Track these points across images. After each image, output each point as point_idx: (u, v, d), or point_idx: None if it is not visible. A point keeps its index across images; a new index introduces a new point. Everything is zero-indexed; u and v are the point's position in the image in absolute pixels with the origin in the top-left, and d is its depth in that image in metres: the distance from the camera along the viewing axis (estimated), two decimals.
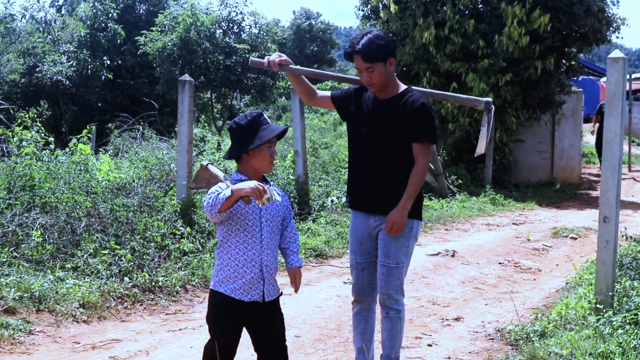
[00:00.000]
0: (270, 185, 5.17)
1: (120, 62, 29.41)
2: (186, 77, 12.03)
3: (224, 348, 5.06)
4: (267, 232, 5.10)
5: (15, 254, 9.02)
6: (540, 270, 11.63)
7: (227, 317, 5.08)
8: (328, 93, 6.42)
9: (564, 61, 23.04)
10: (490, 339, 7.90)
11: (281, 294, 5.29)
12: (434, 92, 7.18)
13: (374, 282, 6.27)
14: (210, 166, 5.34)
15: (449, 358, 7.30)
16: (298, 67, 6.45)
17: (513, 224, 16.28)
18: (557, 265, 12.00)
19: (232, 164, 14.09)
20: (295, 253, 5.32)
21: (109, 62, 28.87)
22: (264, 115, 5.22)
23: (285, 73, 6.27)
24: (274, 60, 6.16)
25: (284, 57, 6.19)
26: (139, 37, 26.89)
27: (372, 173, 6.07)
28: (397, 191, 5.98)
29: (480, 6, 21.63)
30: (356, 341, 6.37)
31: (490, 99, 6.49)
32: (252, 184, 4.79)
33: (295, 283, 5.32)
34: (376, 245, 6.19)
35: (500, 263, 12.04)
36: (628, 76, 26.81)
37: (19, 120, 12.88)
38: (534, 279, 11.07)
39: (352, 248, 6.35)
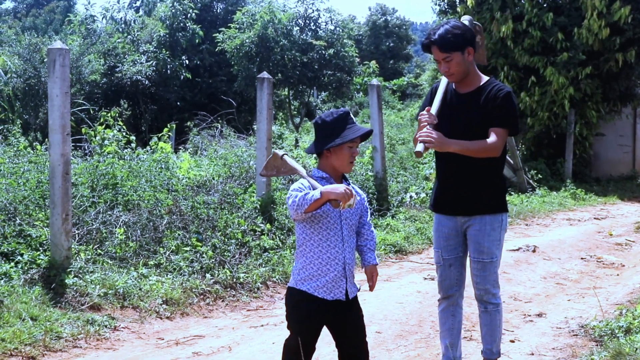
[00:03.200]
0: (349, 184, 5.17)
1: (198, 61, 29.70)
2: (265, 74, 12.08)
3: (305, 346, 5.05)
4: (347, 229, 5.08)
5: (99, 251, 9.17)
6: (624, 266, 11.44)
7: (310, 316, 5.05)
8: None
9: None
10: (573, 335, 7.79)
11: (359, 289, 5.27)
12: None
13: (461, 278, 6.20)
14: (286, 157, 5.33)
15: (532, 354, 7.22)
16: None
17: (595, 218, 16.07)
18: None
19: (311, 160, 14.15)
20: (372, 251, 5.28)
21: (187, 61, 29.19)
22: (351, 114, 5.18)
23: None
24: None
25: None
26: (217, 34, 27.14)
27: (455, 173, 5.98)
28: (482, 189, 5.93)
29: None
30: (444, 338, 6.30)
31: (470, 17, 6.34)
32: (342, 187, 4.77)
33: (372, 281, 5.27)
34: (463, 240, 6.12)
35: (582, 258, 11.88)
36: None
37: (102, 120, 13.08)
38: (617, 274, 10.89)
39: (437, 245, 6.24)
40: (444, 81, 6.09)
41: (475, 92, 5.95)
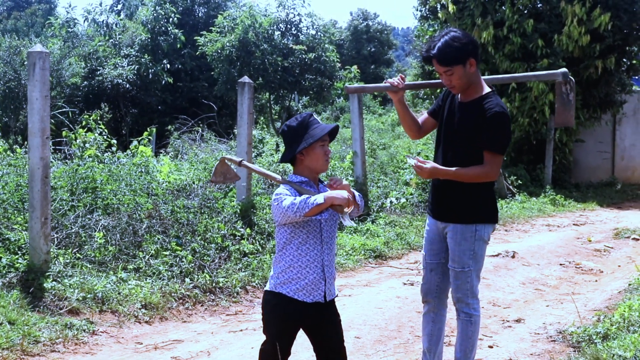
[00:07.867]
0: (324, 185, 5.17)
1: (180, 65, 29.69)
2: (245, 79, 12.07)
3: (282, 350, 5.04)
4: (327, 231, 5.07)
5: (78, 255, 9.13)
6: (602, 272, 11.49)
7: (288, 319, 5.04)
8: (425, 114, 6.30)
9: (624, 60, 22.77)
10: (551, 340, 7.82)
11: (336, 295, 5.26)
12: (502, 77, 6.84)
13: (442, 285, 6.17)
14: (245, 162, 5.36)
15: None
16: (410, 82, 6.40)
17: (574, 224, 16.15)
18: (619, 266, 11.85)
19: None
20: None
21: (168, 65, 29.17)
22: (314, 115, 5.18)
23: (394, 105, 6.24)
24: (395, 81, 6.11)
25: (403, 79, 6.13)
26: (199, 37, 27.17)
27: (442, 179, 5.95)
28: (461, 198, 5.88)
29: (539, 5, 21.49)
30: (423, 342, 6.31)
31: (566, 70, 6.07)
32: (345, 193, 4.78)
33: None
34: (446, 246, 6.09)
35: (561, 264, 11.93)
36: None
37: (83, 123, 13.05)
38: (596, 281, 10.94)
39: (424, 247, 6.27)
40: None
41: (472, 103, 5.85)
